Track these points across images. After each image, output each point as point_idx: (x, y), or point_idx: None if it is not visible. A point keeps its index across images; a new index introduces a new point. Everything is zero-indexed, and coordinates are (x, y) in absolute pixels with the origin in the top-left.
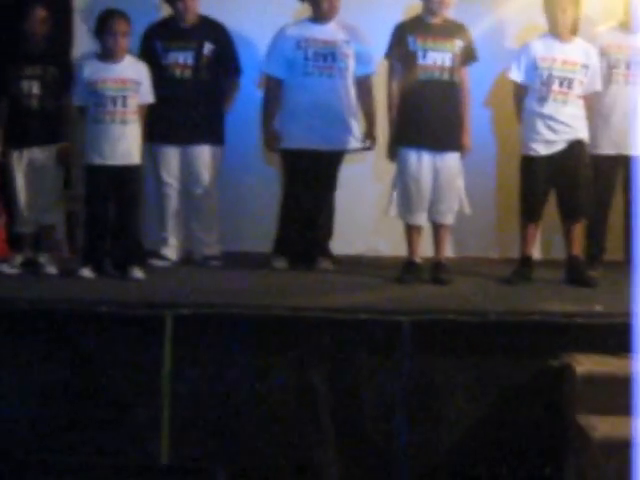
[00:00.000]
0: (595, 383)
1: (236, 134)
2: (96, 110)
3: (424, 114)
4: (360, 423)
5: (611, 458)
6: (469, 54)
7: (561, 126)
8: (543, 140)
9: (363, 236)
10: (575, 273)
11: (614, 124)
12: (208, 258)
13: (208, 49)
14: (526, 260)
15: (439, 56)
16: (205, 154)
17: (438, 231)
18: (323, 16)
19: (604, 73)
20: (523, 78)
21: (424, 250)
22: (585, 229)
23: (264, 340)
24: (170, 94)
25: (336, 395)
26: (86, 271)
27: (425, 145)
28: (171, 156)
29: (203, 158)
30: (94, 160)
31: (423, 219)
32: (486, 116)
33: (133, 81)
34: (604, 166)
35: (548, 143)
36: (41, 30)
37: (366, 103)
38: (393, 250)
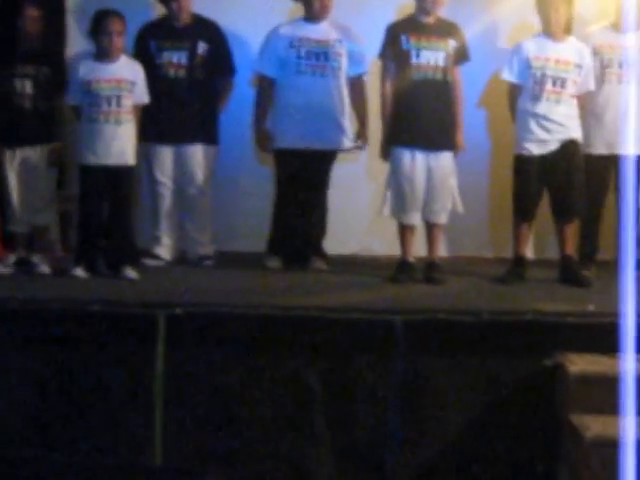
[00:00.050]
0: (588, 383)
1: (230, 134)
2: (90, 110)
3: (417, 114)
4: (354, 422)
5: (604, 457)
6: (462, 54)
7: (554, 126)
8: (536, 140)
9: (357, 236)
10: (568, 273)
11: (607, 124)
12: (202, 258)
13: (202, 48)
14: (519, 260)
15: (432, 55)
16: (199, 154)
17: (431, 230)
18: (315, 15)
19: (597, 73)
20: (516, 78)
21: (418, 250)
22: (578, 229)
23: (257, 340)
24: (164, 94)
25: (330, 395)
26: (79, 271)
27: (419, 145)
28: (165, 155)
29: (197, 158)
30: (88, 160)
31: (417, 219)
32: (480, 116)
33: (128, 81)
34: (597, 166)
35: (541, 143)
36: (34, 29)
37: (358, 103)
38: (387, 250)
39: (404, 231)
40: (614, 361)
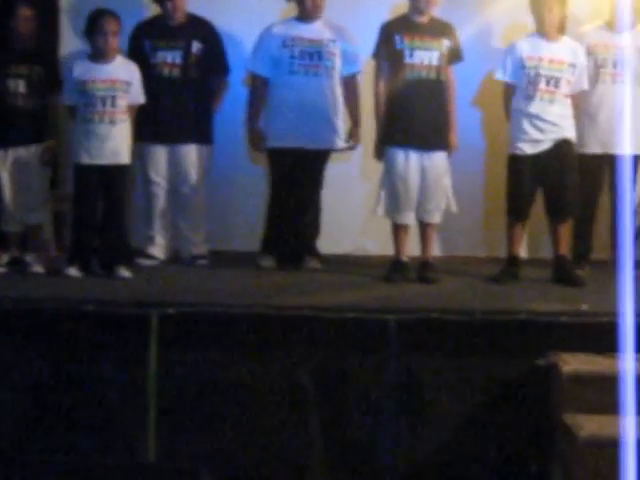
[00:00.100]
0: (581, 382)
1: (224, 133)
2: (85, 110)
3: (411, 113)
4: (347, 422)
5: (597, 457)
6: (456, 53)
7: (548, 125)
8: (529, 139)
9: (351, 235)
10: (562, 272)
11: (601, 123)
12: (195, 257)
13: (196, 48)
14: (513, 259)
15: (426, 55)
16: (193, 153)
17: (425, 230)
18: (308, 15)
19: (591, 72)
20: (510, 78)
21: (411, 249)
22: (572, 228)
23: (251, 339)
24: (158, 93)
25: (323, 394)
26: (73, 270)
27: (412, 144)
28: (159, 155)
29: (191, 157)
30: (83, 159)
31: (411, 218)
32: (474, 116)
33: (123, 81)
34: (591, 165)
35: (534, 142)
36: (27, 29)
37: (352, 102)
38: (381, 249)
39: (398, 231)
40: (608, 360)
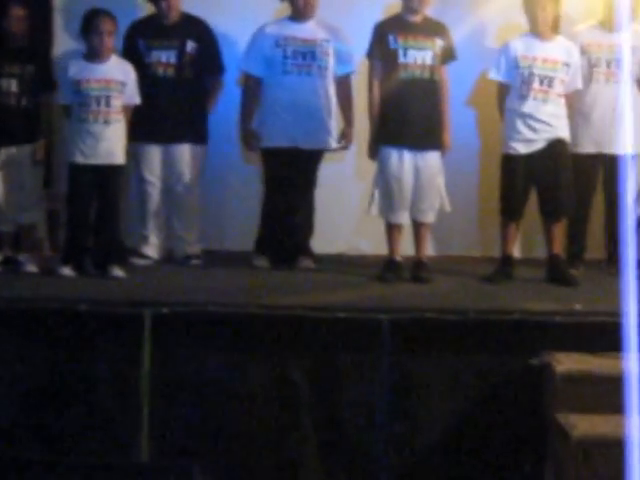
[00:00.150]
0: (575, 382)
1: (218, 133)
2: (80, 109)
3: (405, 113)
4: (340, 421)
5: (590, 456)
6: (449, 53)
7: (541, 125)
8: (523, 139)
9: (344, 235)
10: (556, 272)
11: (595, 123)
12: (189, 257)
13: (191, 47)
14: (507, 259)
15: (420, 54)
16: (187, 153)
17: (419, 229)
18: (301, 14)
19: (585, 72)
20: (503, 77)
21: (405, 249)
22: (566, 228)
23: (244, 339)
24: (153, 93)
25: (316, 393)
26: (66, 270)
27: (406, 144)
28: (153, 155)
29: (185, 157)
30: (77, 158)
31: (405, 218)
32: (469, 115)
33: (118, 82)
34: (585, 165)
35: (528, 142)
36: (19, 29)
37: (345, 102)
38: (374, 249)
39: (391, 230)
40: (601, 360)
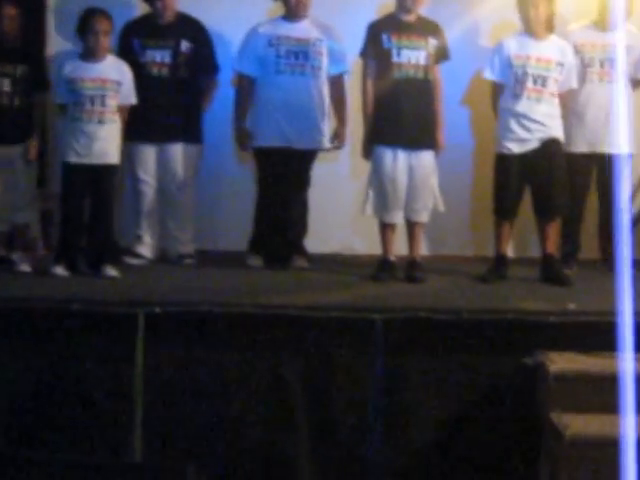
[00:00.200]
0: (568, 381)
1: (212, 132)
2: (75, 108)
3: (399, 112)
4: (333, 421)
5: (583, 455)
6: (443, 52)
7: (534, 124)
8: (516, 138)
9: (338, 234)
10: (550, 271)
11: (588, 122)
12: (183, 256)
13: (186, 47)
14: (501, 258)
15: (413, 54)
16: (182, 152)
17: (413, 229)
18: (293, 13)
19: (578, 71)
20: (497, 76)
21: (399, 248)
22: (560, 227)
23: (237, 338)
24: (147, 92)
25: (310, 393)
26: (59, 269)
27: (400, 143)
28: (148, 154)
29: (180, 156)
30: (70, 158)
31: (399, 217)
32: (463, 115)
33: (113, 81)
34: (578, 164)
35: (521, 141)
36: (12, 28)
37: (338, 102)
38: (368, 248)
39: (385, 230)
40: (595, 360)
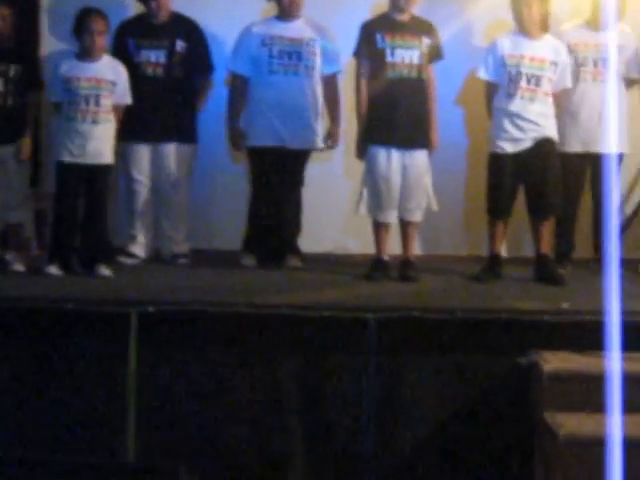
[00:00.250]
0: (562, 381)
1: (207, 132)
2: (69, 108)
3: (393, 112)
4: (327, 421)
5: (577, 455)
6: (436, 51)
7: (528, 124)
8: (510, 138)
9: (332, 234)
10: (544, 271)
11: (582, 122)
12: (176, 256)
13: (180, 46)
14: (495, 258)
15: (407, 54)
16: (176, 152)
17: (406, 228)
18: (286, 12)
19: (572, 71)
20: (491, 76)
21: (393, 248)
22: (554, 227)
23: (231, 338)
24: (142, 92)
25: (303, 392)
26: (53, 268)
27: (394, 143)
28: (142, 154)
29: (174, 156)
30: (64, 157)
31: (393, 217)
32: (457, 114)
33: (108, 81)
34: (572, 164)
35: (515, 141)
36: (4, 28)
37: (332, 102)
38: (362, 248)
39: (379, 229)
40: (589, 359)
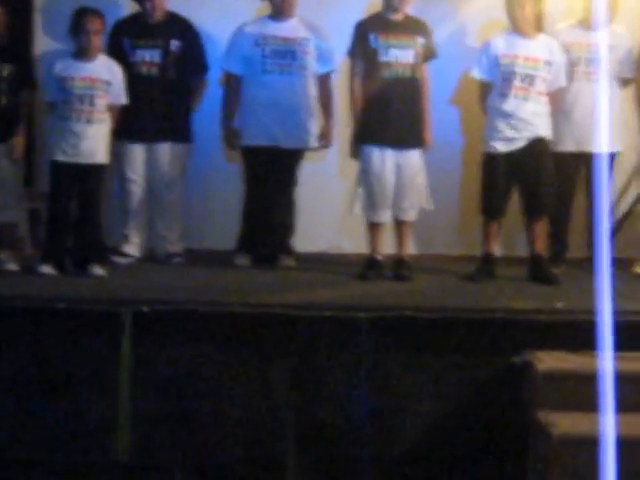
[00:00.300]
0: (556, 380)
1: (201, 132)
2: (64, 107)
3: (387, 111)
4: (320, 420)
5: (571, 454)
6: (430, 50)
7: (521, 123)
8: (503, 137)
9: (326, 233)
10: (538, 270)
11: (576, 121)
12: (171, 255)
13: (175, 46)
14: (488, 257)
15: (401, 53)
16: (171, 151)
17: (400, 228)
18: (279, 11)
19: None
20: (484, 75)
21: (387, 247)
22: (548, 226)
23: (224, 337)
24: (136, 92)
25: (297, 392)
26: (46, 268)
27: (388, 142)
28: (136, 153)
29: (168, 155)
30: (58, 157)
31: (387, 217)
32: (452, 114)
33: (103, 81)
34: (566, 163)
35: (508, 140)
36: None
37: (325, 101)
38: (356, 247)
39: (373, 229)
40: (583, 358)
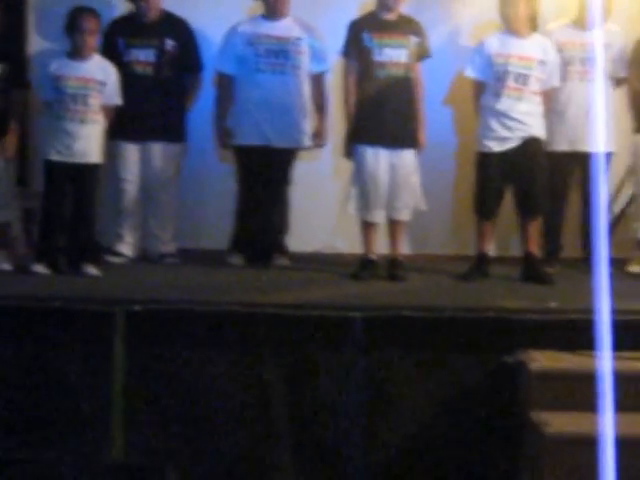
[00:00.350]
0: (549, 380)
1: (195, 131)
2: (58, 107)
3: (381, 111)
4: (314, 420)
5: (564, 453)
6: (423, 50)
7: (515, 123)
8: (496, 137)
9: (320, 233)
10: (531, 270)
11: (569, 121)
12: (164, 255)
13: (170, 45)
14: (482, 257)
15: (395, 52)
16: (165, 151)
17: (394, 227)
18: (273, 11)
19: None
20: (478, 74)
21: (381, 247)
22: (542, 226)
23: (218, 337)
24: (131, 91)
25: (290, 392)
26: (40, 267)
27: (382, 142)
28: (130, 153)
29: (163, 155)
30: (51, 156)
31: (381, 216)
32: (446, 114)
33: (97, 81)
34: (559, 163)
35: (501, 140)
36: None
37: (319, 100)
38: (350, 247)
39: (367, 228)
40: (576, 358)
